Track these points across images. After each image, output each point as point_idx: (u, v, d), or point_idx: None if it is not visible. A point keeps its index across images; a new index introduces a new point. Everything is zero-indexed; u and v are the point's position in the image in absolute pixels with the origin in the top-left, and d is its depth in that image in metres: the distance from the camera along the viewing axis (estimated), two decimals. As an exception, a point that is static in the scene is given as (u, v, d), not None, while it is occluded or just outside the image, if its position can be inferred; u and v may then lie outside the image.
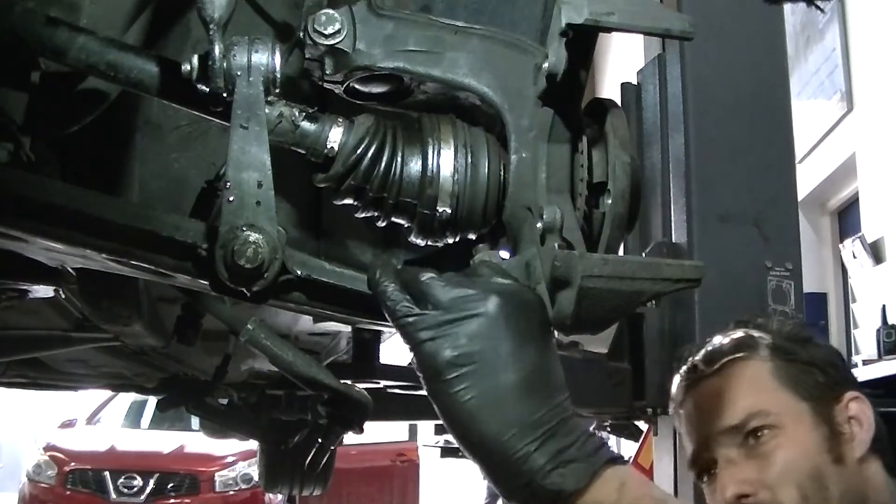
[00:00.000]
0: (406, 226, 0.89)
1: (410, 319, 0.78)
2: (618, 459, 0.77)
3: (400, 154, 0.86)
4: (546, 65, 0.84)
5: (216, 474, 7.13)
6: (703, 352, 1.29)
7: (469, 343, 0.75)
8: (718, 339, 1.30)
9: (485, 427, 0.75)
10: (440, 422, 0.78)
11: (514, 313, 0.77)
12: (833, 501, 1.15)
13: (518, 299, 0.79)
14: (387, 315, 0.80)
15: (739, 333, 1.29)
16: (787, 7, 2.88)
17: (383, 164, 0.85)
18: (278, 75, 0.81)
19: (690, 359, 1.29)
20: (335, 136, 0.85)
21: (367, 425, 1.70)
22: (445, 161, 0.86)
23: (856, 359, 4.14)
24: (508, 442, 0.74)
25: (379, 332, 2.20)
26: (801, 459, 1.17)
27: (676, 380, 1.32)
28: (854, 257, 4.81)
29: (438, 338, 0.76)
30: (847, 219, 5.73)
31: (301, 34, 0.85)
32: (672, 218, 2.48)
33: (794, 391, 1.22)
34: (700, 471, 1.26)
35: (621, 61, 7.56)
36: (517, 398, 0.75)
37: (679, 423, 1.32)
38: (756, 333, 1.28)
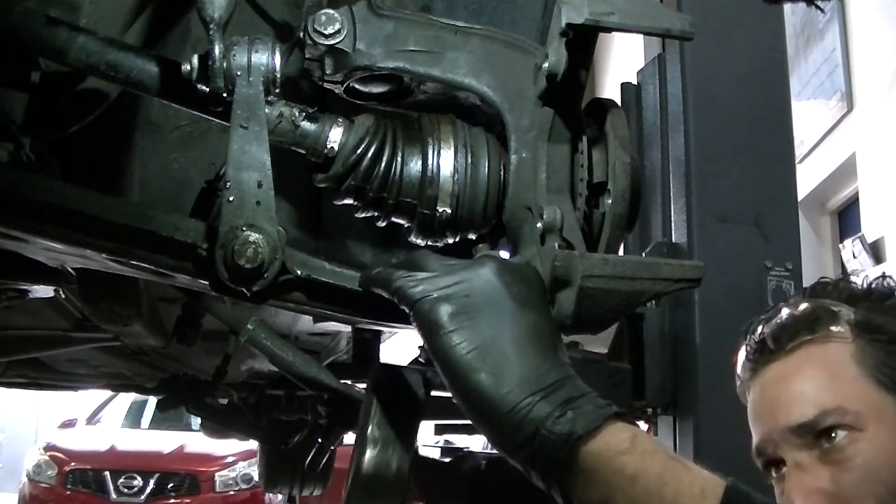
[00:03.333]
0: (406, 226, 0.89)
1: (406, 280, 0.76)
2: (627, 416, 0.73)
3: (400, 154, 0.86)
4: (546, 65, 0.84)
5: (216, 474, 7.12)
6: (773, 325, 1.07)
7: (469, 299, 0.74)
8: (790, 312, 1.08)
9: (486, 379, 0.71)
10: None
11: (511, 280, 0.76)
12: None
13: (514, 269, 0.78)
14: (383, 290, 0.79)
15: (816, 305, 1.07)
16: (787, 7, 2.88)
17: (383, 164, 0.85)
18: (278, 75, 0.81)
19: (759, 331, 1.09)
20: (335, 136, 0.85)
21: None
22: (445, 161, 0.86)
23: (856, 358, 4.13)
24: (511, 394, 0.70)
25: (379, 332, 2.20)
26: (883, 469, 0.97)
27: (742, 355, 1.12)
28: (854, 257, 4.80)
29: (437, 294, 0.74)
30: (847, 219, 5.72)
31: (301, 34, 0.85)
32: (672, 218, 2.47)
33: (878, 380, 1.02)
34: (765, 464, 1.08)
35: (621, 61, 7.56)
36: (520, 352, 0.72)
37: (746, 404, 1.13)
38: (835, 307, 1.06)
